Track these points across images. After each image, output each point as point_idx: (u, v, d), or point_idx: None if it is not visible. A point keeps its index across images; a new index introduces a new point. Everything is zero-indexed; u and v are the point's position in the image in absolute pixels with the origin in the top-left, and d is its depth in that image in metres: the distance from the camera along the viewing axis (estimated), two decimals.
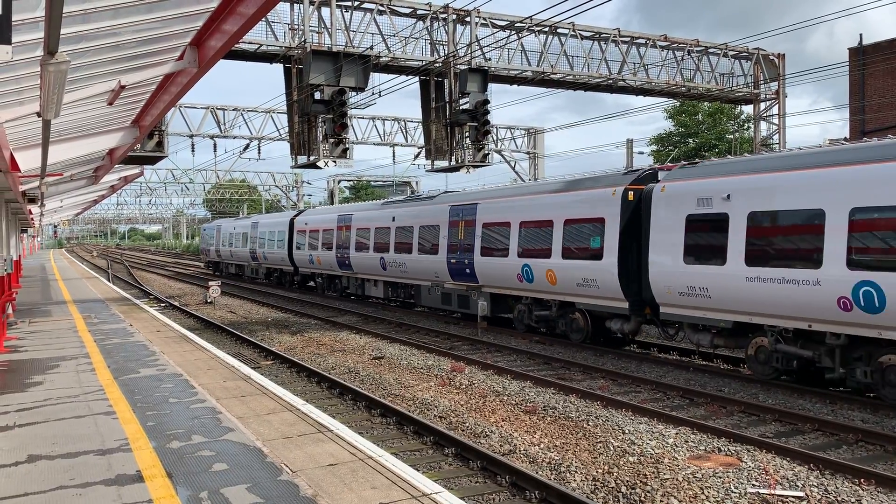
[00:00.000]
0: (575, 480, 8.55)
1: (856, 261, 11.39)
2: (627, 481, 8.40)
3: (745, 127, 49.77)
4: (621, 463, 9.05)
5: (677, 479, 8.38)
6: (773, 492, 8.04)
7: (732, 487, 8.16)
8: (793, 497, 7.97)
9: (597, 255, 16.62)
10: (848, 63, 30.94)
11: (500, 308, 21.13)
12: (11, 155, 10.79)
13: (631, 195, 16.19)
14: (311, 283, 36.41)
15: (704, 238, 14.10)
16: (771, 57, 31.98)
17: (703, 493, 8.00)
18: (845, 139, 19.02)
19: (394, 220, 25.82)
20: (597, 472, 8.77)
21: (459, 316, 22.86)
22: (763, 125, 33.53)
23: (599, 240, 16.58)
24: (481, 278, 20.92)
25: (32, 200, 18.95)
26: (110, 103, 9.56)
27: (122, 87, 8.70)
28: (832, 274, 11.65)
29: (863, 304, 11.26)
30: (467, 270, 21.41)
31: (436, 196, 24.81)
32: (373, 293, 28.58)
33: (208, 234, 52.67)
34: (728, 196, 13.59)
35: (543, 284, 18.40)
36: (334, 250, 30.28)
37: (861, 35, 33.06)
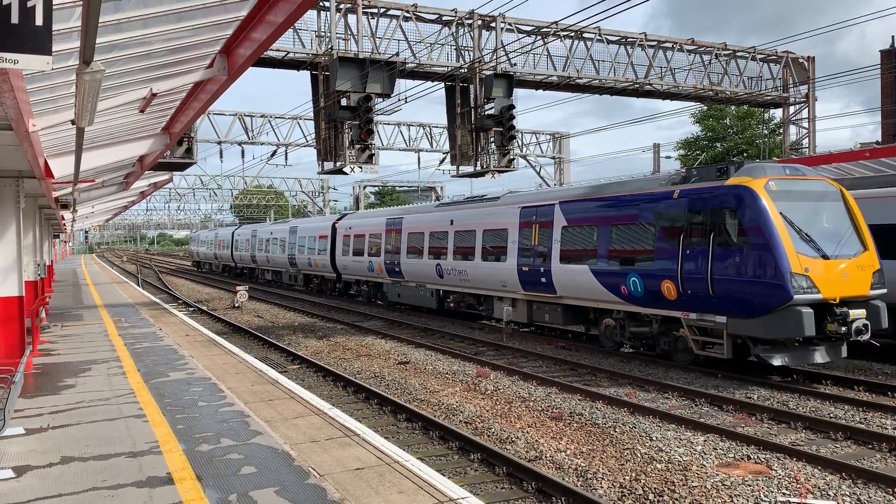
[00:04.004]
0: (602, 487, 8.50)
1: (371, 254, 29.16)
2: (655, 488, 8.33)
3: (774, 131, 49.16)
4: (649, 470, 8.97)
5: (706, 487, 8.29)
6: (804, 500, 7.92)
7: (762, 496, 8.05)
8: None
9: (325, 252, 34.33)
10: (880, 66, 30.48)
11: (310, 281, 38.82)
12: (46, 162, 10.99)
13: (337, 224, 33.51)
14: (244, 273, 51.90)
15: (347, 245, 31.64)
16: (800, 60, 31.57)
17: (732, 501, 7.91)
18: (877, 143, 18.94)
19: (271, 234, 43.45)
20: (624, 478, 8.71)
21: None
22: (793, 129, 33.11)
23: (326, 246, 34.29)
24: (299, 265, 38.70)
25: (65, 206, 19.30)
26: (142, 111, 9.71)
27: (154, 95, 8.83)
28: (374, 260, 28.72)
29: (384, 270, 27.91)
30: (294, 261, 39.20)
31: (289, 221, 43.77)
32: (267, 277, 46.56)
33: (193, 241, 72.24)
34: (350, 227, 31.52)
35: (314, 267, 36.53)
36: (250, 252, 47.58)
37: (893, 37, 32.52)
